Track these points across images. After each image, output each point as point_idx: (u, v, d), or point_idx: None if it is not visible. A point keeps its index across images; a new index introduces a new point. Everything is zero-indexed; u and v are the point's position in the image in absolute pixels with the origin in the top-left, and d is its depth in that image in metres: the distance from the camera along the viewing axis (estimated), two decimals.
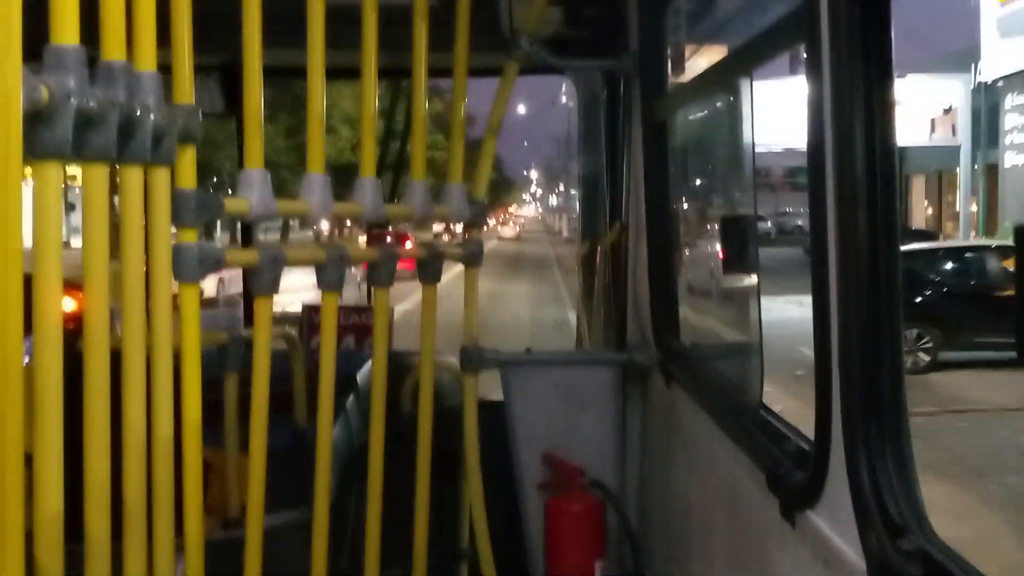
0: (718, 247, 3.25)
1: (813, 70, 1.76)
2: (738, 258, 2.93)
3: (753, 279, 2.87)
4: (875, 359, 1.61)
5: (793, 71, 17.85)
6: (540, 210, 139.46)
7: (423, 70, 3.22)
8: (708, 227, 3.69)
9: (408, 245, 3.69)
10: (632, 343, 3.80)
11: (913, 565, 1.46)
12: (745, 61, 2.50)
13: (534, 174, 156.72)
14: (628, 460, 3.80)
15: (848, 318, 1.66)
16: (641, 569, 3.60)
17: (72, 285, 2.28)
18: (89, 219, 2.06)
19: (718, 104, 3.23)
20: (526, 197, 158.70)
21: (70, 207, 16.90)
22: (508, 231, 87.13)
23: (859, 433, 1.63)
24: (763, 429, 2.28)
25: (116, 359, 2.15)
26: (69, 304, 2.31)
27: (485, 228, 3.90)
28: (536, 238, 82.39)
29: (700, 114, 3.48)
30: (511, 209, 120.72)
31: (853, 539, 1.62)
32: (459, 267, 3.59)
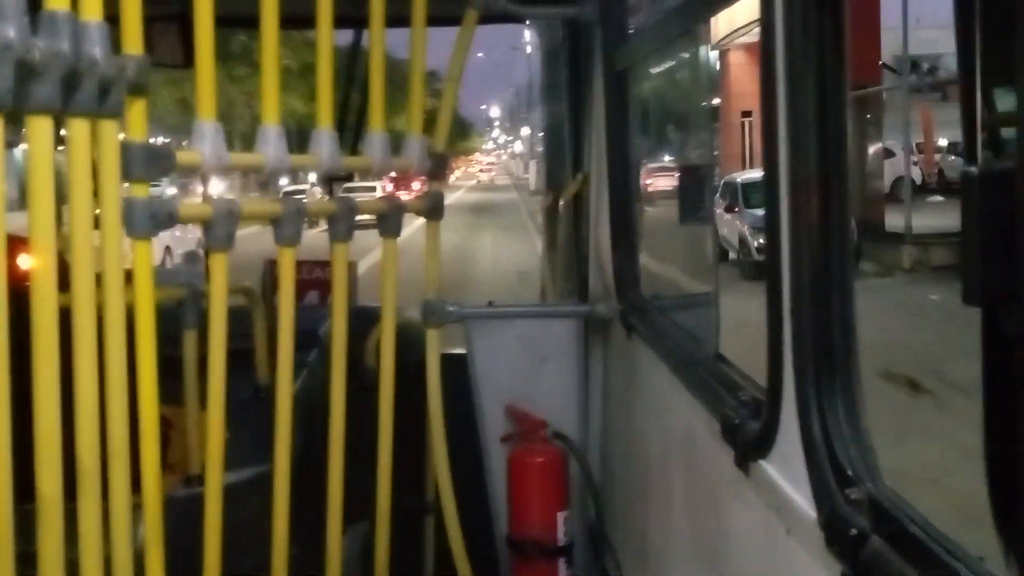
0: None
1: (766, 13, 1.74)
2: (694, 207, 2.93)
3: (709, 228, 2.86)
4: (827, 308, 1.61)
5: None
6: (504, 156, 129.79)
7: (381, 18, 3.17)
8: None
9: (416, 187, 3.61)
10: (594, 295, 3.80)
11: (862, 514, 1.47)
12: (704, 6, 2.48)
13: (495, 111, 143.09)
14: (590, 411, 3.82)
15: (799, 267, 1.66)
16: (602, 520, 3.62)
17: (23, 240, 2.24)
18: (34, 173, 2.02)
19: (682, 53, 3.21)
20: (488, 144, 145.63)
21: None
22: (484, 176, 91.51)
23: (811, 383, 1.63)
24: (719, 379, 2.28)
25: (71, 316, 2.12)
26: (25, 261, 2.27)
27: (457, 173, 3.86)
28: (499, 204, 49.31)
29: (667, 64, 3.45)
30: (481, 158, 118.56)
31: (804, 488, 1.63)
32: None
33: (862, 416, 1.59)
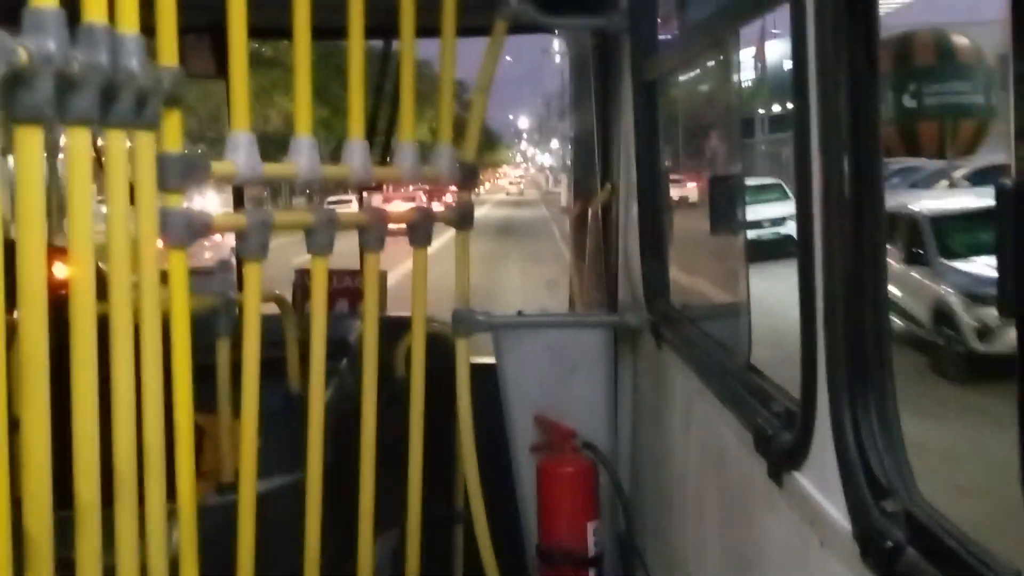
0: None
1: (797, 25, 1.74)
2: (726, 217, 2.92)
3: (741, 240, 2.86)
4: (860, 319, 1.61)
5: None
6: (532, 170, 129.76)
7: (411, 29, 3.19)
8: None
9: (448, 199, 3.62)
10: (623, 305, 3.80)
11: (897, 526, 1.47)
12: (733, 17, 2.48)
13: (523, 122, 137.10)
14: (620, 421, 3.81)
15: (833, 278, 1.65)
16: (632, 530, 3.62)
17: (59, 250, 2.27)
18: (73, 183, 2.05)
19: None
20: (516, 156, 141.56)
21: None
22: (514, 188, 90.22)
23: (844, 394, 1.63)
24: (751, 390, 2.28)
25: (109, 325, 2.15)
26: (61, 271, 2.30)
27: (486, 185, 3.86)
28: (528, 224, 41.45)
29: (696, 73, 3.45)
30: (508, 170, 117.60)
31: (839, 500, 1.63)
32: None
33: (897, 427, 1.59)
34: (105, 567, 2.13)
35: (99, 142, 2.20)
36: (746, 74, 33.56)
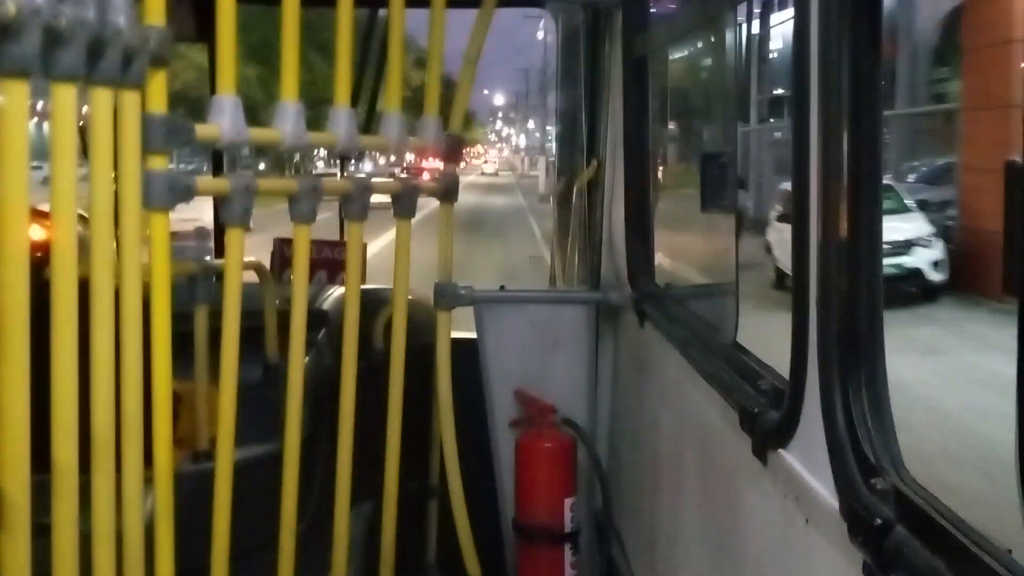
0: None
1: (800, 5, 1.73)
2: (716, 196, 2.91)
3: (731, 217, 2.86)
4: (853, 297, 1.60)
5: None
6: (507, 151, 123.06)
7: None
8: None
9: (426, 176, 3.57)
10: (606, 282, 3.79)
11: (886, 504, 1.46)
12: None
13: (499, 99, 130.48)
14: (600, 398, 3.81)
15: (827, 256, 1.65)
16: (610, 506, 3.62)
17: (40, 213, 2.23)
18: (57, 140, 2.01)
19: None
20: (492, 136, 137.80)
21: None
22: (488, 168, 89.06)
23: (835, 372, 1.62)
24: (737, 368, 2.27)
25: (86, 288, 2.11)
26: (38, 232, 2.26)
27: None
28: (502, 215, 35.69)
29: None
30: (483, 150, 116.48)
31: (826, 477, 1.62)
32: None
33: (886, 406, 1.58)
34: (81, 532, 2.10)
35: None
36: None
